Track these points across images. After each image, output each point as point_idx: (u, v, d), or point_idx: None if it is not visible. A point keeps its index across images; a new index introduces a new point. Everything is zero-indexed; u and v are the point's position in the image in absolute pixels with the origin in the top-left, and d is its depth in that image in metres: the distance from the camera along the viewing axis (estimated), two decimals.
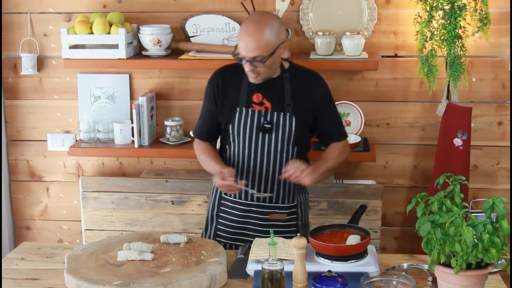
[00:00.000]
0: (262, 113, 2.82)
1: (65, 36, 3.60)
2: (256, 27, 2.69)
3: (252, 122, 2.82)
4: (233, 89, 2.85)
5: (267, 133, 2.82)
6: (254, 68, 2.72)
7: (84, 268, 2.43)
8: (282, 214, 2.90)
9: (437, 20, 3.37)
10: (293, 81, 2.84)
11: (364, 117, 3.72)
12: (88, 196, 3.78)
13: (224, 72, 2.91)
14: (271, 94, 2.82)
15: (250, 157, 2.85)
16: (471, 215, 2.22)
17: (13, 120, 3.96)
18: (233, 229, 2.91)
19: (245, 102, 2.83)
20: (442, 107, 3.52)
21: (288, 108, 2.81)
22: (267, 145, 2.84)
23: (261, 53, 2.68)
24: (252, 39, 2.67)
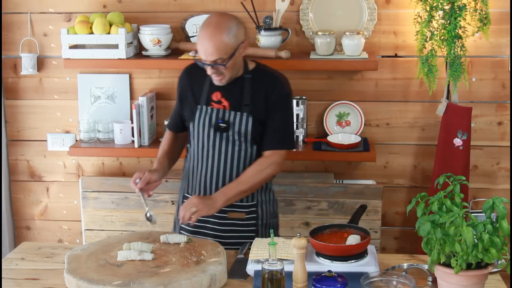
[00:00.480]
0: (220, 112, 2.83)
1: (65, 36, 3.60)
2: (214, 30, 2.69)
3: (210, 120, 2.84)
4: (197, 87, 2.89)
5: (223, 132, 2.83)
6: (215, 71, 2.74)
7: (84, 268, 2.43)
8: (240, 213, 2.89)
9: (437, 20, 3.37)
10: (254, 82, 2.84)
11: (364, 117, 3.72)
12: (88, 196, 3.78)
13: (190, 70, 2.95)
14: (230, 93, 2.84)
15: (208, 155, 2.86)
16: (471, 215, 2.22)
17: (13, 120, 3.96)
18: (193, 228, 2.89)
19: (205, 100, 2.86)
20: (442, 107, 3.52)
21: (246, 108, 2.82)
22: (225, 144, 2.84)
23: (221, 55, 2.69)
24: (211, 43, 2.68)
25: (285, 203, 3.70)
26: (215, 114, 2.84)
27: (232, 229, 2.87)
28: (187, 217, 2.67)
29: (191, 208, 2.67)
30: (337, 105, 3.74)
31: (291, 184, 3.70)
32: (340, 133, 3.71)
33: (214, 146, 2.85)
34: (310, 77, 3.75)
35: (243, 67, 2.84)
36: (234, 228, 2.88)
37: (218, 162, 2.86)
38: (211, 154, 2.86)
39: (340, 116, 3.75)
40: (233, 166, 2.86)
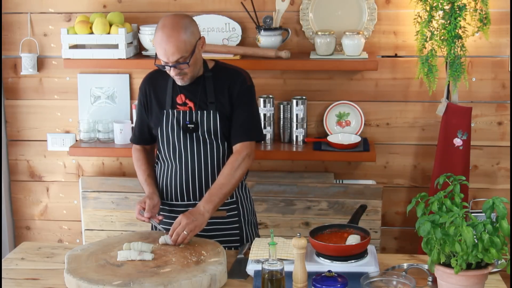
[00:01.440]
0: (187, 113, 2.82)
1: (65, 36, 3.60)
2: (170, 31, 2.68)
3: (178, 123, 2.83)
4: (160, 93, 2.87)
5: (192, 132, 2.82)
6: (180, 71, 2.74)
7: (84, 268, 2.43)
8: (221, 211, 2.86)
9: (437, 20, 3.37)
10: (215, 79, 2.85)
11: (364, 117, 3.72)
12: (88, 196, 3.78)
13: (151, 77, 2.93)
14: (193, 94, 2.83)
15: (181, 159, 2.84)
16: (471, 215, 2.22)
17: (13, 120, 3.96)
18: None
19: (171, 104, 2.84)
20: (442, 107, 3.52)
21: (211, 106, 2.82)
22: (196, 145, 2.83)
23: (183, 54, 2.69)
24: (170, 44, 2.67)
25: (285, 203, 3.70)
26: (182, 116, 2.82)
27: (214, 228, 2.84)
28: (180, 241, 2.61)
29: (183, 231, 2.61)
30: (337, 105, 3.74)
31: (291, 184, 3.70)
32: (340, 133, 3.71)
33: (186, 148, 2.84)
34: (310, 77, 3.75)
35: (202, 66, 2.85)
36: (217, 227, 2.85)
37: (192, 163, 2.84)
38: (184, 156, 2.84)
39: (340, 116, 3.75)
40: (207, 165, 2.84)
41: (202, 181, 2.84)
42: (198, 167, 2.84)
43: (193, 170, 2.84)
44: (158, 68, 2.80)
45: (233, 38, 3.69)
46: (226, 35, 3.69)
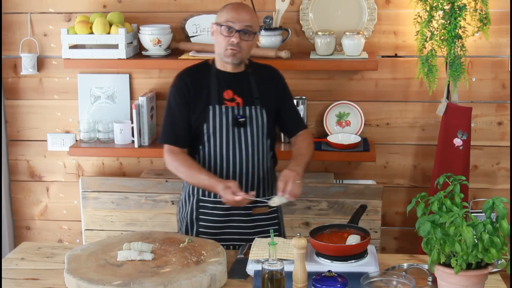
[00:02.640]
0: (235, 109, 2.84)
1: (65, 36, 3.60)
2: (245, 4, 2.87)
3: (227, 118, 2.83)
4: (203, 88, 2.86)
5: (242, 127, 2.84)
6: (239, 41, 2.77)
7: (84, 268, 2.43)
8: (264, 207, 2.89)
9: (437, 20, 3.37)
10: (257, 75, 2.90)
11: (364, 117, 3.72)
12: (88, 196, 3.78)
13: (190, 73, 2.91)
14: (240, 89, 2.86)
15: (229, 154, 2.85)
16: (471, 215, 2.22)
17: (13, 120, 3.96)
18: (216, 230, 2.89)
19: (217, 99, 2.84)
20: (442, 107, 3.52)
21: (257, 101, 2.86)
22: (244, 140, 2.85)
23: (252, 23, 2.79)
24: (244, 10, 2.80)
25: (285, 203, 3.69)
26: (231, 111, 2.84)
27: (257, 225, 2.88)
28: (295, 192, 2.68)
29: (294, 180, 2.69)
30: (337, 105, 3.74)
31: None
32: (340, 133, 3.71)
33: (235, 144, 2.85)
34: (310, 77, 3.75)
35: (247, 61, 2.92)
36: (259, 223, 2.89)
37: (239, 159, 2.85)
38: (231, 152, 2.85)
39: (340, 116, 3.75)
40: (254, 161, 2.87)
41: (248, 177, 2.87)
42: (246, 163, 2.86)
43: (241, 166, 2.86)
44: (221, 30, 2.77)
45: None
46: None
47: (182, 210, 3.00)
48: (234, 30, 2.76)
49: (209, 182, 2.76)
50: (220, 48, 2.81)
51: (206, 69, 2.89)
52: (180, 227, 3.01)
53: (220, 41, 2.80)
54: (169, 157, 2.87)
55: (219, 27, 2.79)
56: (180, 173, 2.85)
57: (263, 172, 2.91)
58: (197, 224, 2.92)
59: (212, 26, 2.85)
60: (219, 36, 2.80)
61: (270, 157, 2.97)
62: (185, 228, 2.97)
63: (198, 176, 2.80)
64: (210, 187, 2.77)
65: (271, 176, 2.98)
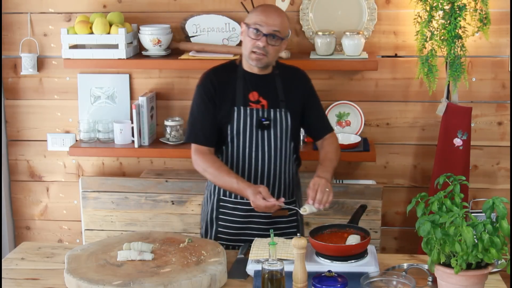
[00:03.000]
0: (260, 111, 2.83)
1: (65, 36, 3.60)
2: (277, 8, 2.82)
3: (251, 120, 2.82)
4: (228, 89, 2.85)
5: (266, 129, 2.83)
6: (266, 45, 2.74)
7: (84, 268, 2.43)
8: (283, 210, 2.86)
9: (437, 20, 3.37)
10: (283, 77, 2.88)
11: (364, 117, 3.72)
12: (88, 196, 3.78)
13: (216, 73, 2.89)
14: (266, 91, 2.85)
15: (251, 156, 2.85)
16: (471, 215, 2.22)
17: (13, 120, 3.96)
18: (235, 230, 2.90)
19: (242, 101, 2.83)
20: (442, 107, 3.52)
21: (282, 104, 2.85)
22: (267, 142, 2.84)
23: (281, 29, 2.75)
24: (275, 14, 2.76)
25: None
26: (255, 113, 2.82)
27: (276, 228, 2.86)
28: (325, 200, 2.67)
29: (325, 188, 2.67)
30: (337, 105, 3.74)
31: None
32: (340, 133, 3.71)
33: (257, 146, 2.84)
34: (310, 77, 3.73)
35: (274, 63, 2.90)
36: (278, 226, 2.88)
37: (262, 161, 2.85)
38: (254, 154, 2.84)
39: (340, 116, 3.75)
40: (276, 164, 2.86)
41: (270, 179, 2.86)
42: (268, 166, 2.86)
43: (263, 168, 2.86)
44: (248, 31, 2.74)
45: (233, 38, 3.69)
46: (226, 35, 3.69)
47: (204, 208, 3.01)
48: (261, 34, 2.73)
49: (238, 186, 2.73)
50: (246, 49, 2.79)
51: (233, 69, 2.87)
52: (201, 225, 3.02)
53: (246, 42, 2.78)
54: (197, 157, 2.83)
55: (247, 28, 2.77)
56: (208, 174, 2.81)
57: (285, 175, 2.90)
58: (217, 223, 2.93)
59: (241, 25, 2.83)
60: (246, 37, 2.77)
61: (294, 159, 2.95)
62: (205, 227, 2.98)
63: (227, 179, 2.76)
64: (239, 190, 2.74)
65: (294, 179, 2.98)
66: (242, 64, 2.88)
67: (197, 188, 3.67)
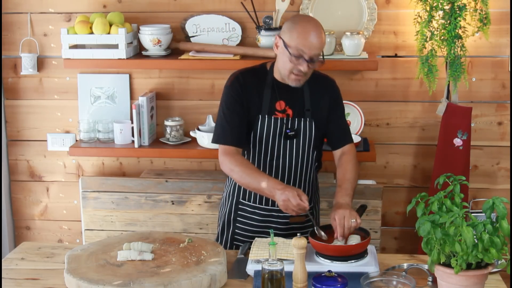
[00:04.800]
0: (284, 120, 2.79)
1: (65, 36, 3.60)
2: (317, 26, 2.67)
3: (275, 130, 2.79)
4: (256, 94, 2.79)
5: (291, 139, 2.80)
6: (309, 69, 2.68)
7: (84, 268, 2.43)
8: (301, 217, 2.84)
9: (437, 20, 3.37)
10: (311, 86, 2.82)
11: (364, 117, 3.72)
12: (88, 196, 3.78)
13: (246, 76, 2.82)
14: (293, 101, 2.80)
15: (272, 163, 2.83)
16: (471, 215, 2.22)
17: (13, 120, 3.96)
18: (252, 233, 2.88)
19: (268, 109, 2.79)
20: (442, 107, 3.52)
21: (308, 113, 2.81)
22: (289, 152, 2.82)
23: (321, 51, 2.68)
24: (317, 37, 2.64)
25: None
26: (279, 123, 2.79)
27: (293, 234, 2.79)
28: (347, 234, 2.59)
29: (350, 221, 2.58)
30: None
31: None
32: None
33: (279, 154, 2.81)
34: None
35: None
36: (295, 232, 2.81)
37: (282, 170, 2.83)
38: (275, 162, 2.82)
39: None
40: (297, 173, 2.84)
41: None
42: (288, 174, 2.84)
43: (283, 176, 2.83)
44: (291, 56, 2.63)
45: (233, 38, 3.69)
46: (226, 35, 3.69)
47: (222, 208, 3.01)
48: (303, 59, 2.65)
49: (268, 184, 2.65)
50: (284, 69, 2.70)
51: (263, 75, 2.81)
52: (218, 224, 3.03)
53: (285, 61, 2.68)
54: (224, 158, 2.77)
55: (287, 49, 2.65)
56: (235, 174, 2.74)
57: (306, 183, 2.89)
58: (234, 225, 2.93)
59: (277, 39, 2.70)
60: (286, 57, 2.67)
61: (315, 167, 2.94)
62: (221, 226, 2.97)
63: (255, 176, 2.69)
64: (267, 189, 2.65)
65: (314, 185, 2.95)
66: (273, 71, 2.81)
67: (197, 188, 3.67)
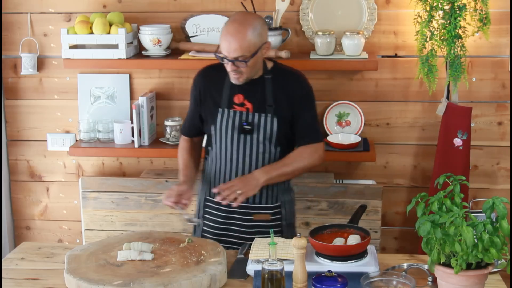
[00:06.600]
0: (243, 114, 2.81)
1: (65, 36, 3.60)
2: (239, 27, 2.68)
3: (233, 123, 2.81)
4: (216, 89, 2.85)
5: (248, 134, 2.81)
6: (236, 69, 2.71)
7: (84, 268, 2.43)
8: (265, 214, 2.88)
9: (437, 20, 3.37)
10: (275, 82, 2.82)
11: (364, 117, 3.72)
12: (88, 196, 3.78)
13: (207, 72, 2.92)
14: (252, 95, 2.81)
15: (233, 159, 2.84)
16: (471, 215, 2.22)
17: (13, 120, 3.96)
18: (218, 230, 2.91)
19: (227, 103, 2.82)
20: (442, 107, 3.52)
21: (270, 109, 2.80)
22: (249, 147, 2.82)
23: (244, 53, 2.67)
24: (235, 39, 2.66)
25: None
26: (238, 116, 2.80)
27: (257, 231, 2.85)
28: (231, 198, 2.66)
29: (236, 190, 2.66)
30: (337, 105, 3.74)
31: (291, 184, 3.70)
32: (340, 133, 3.71)
33: (238, 149, 2.83)
34: (310, 77, 3.70)
35: (262, 67, 2.82)
36: (260, 230, 2.85)
37: (242, 165, 2.84)
38: (235, 157, 2.83)
39: (340, 116, 3.75)
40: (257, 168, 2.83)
41: None
42: (248, 169, 2.84)
43: (243, 172, 2.84)
44: (217, 58, 2.75)
45: None
46: None
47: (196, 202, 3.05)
48: (226, 60, 2.71)
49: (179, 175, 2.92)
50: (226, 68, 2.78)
51: (225, 70, 2.82)
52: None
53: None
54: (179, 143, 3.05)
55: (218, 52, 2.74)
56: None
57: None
58: (202, 222, 2.95)
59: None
60: None
61: None
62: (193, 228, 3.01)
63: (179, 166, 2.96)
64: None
65: (280, 184, 2.91)
66: None
67: (197, 188, 3.66)
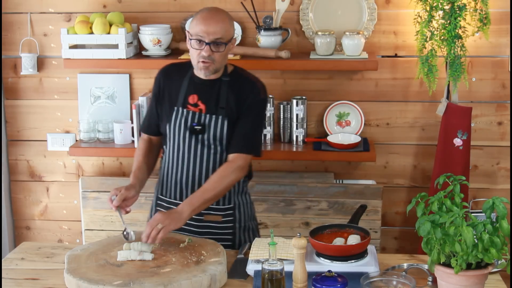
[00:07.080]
0: (196, 115, 2.80)
1: (65, 36, 3.60)
2: (217, 12, 2.74)
3: (186, 123, 2.81)
4: (174, 89, 2.85)
5: (198, 134, 2.80)
6: (211, 54, 2.70)
7: (84, 268, 2.43)
8: (217, 215, 2.86)
9: (437, 20, 3.37)
10: (231, 85, 2.81)
11: (364, 117, 3.72)
12: (88, 196, 3.78)
13: (169, 70, 2.92)
14: (207, 96, 2.81)
15: (184, 158, 2.83)
16: (471, 215, 2.22)
17: (13, 120, 3.96)
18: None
19: (182, 102, 2.82)
20: (442, 107, 3.52)
21: (221, 111, 2.78)
22: (200, 147, 2.81)
23: (222, 35, 2.69)
24: (214, 22, 2.69)
25: (285, 203, 3.70)
26: (191, 117, 2.80)
27: (208, 232, 2.83)
28: (153, 235, 2.56)
29: (157, 225, 2.57)
30: (337, 105, 3.74)
31: (291, 184, 3.70)
32: (340, 133, 3.72)
33: (190, 149, 2.82)
34: (310, 77, 3.75)
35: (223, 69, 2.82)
36: (211, 230, 2.84)
37: (193, 165, 2.83)
38: (187, 157, 2.83)
39: (340, 116, 3.75)
40: (208, 170, 2.82)
41: (201, 183, 2.81)
42: (199, 170, 2.82)
43: (194, 172, 2.83)
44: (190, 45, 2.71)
45: None
46: None
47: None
48: (204, 44, 2.69)
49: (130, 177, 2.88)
50: (193, 59, 2.76)
51: (187, 69, 2.85)
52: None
53: (192, 52, 2.74)
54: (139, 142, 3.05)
55: (189, 38, 2.72)
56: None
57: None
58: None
59: (186, 33, 2.78)
60: (191, 47, 2.74)
61: None
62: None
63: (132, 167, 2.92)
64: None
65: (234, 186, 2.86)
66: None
67: None
